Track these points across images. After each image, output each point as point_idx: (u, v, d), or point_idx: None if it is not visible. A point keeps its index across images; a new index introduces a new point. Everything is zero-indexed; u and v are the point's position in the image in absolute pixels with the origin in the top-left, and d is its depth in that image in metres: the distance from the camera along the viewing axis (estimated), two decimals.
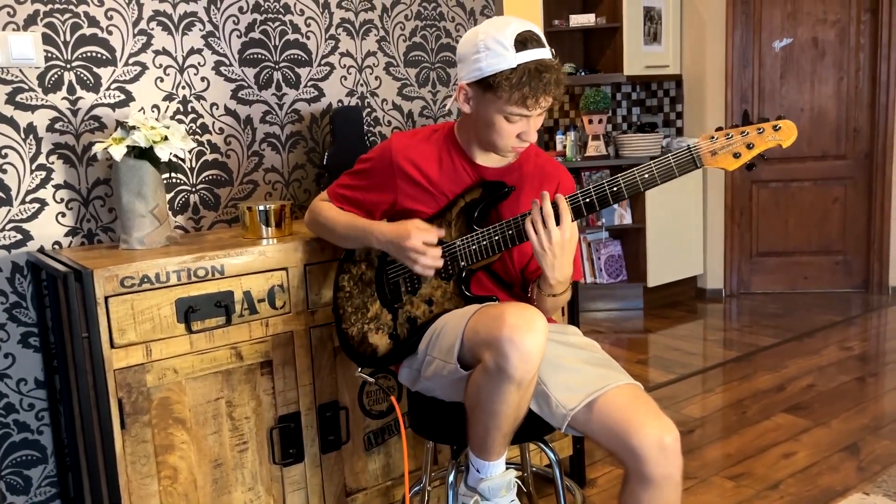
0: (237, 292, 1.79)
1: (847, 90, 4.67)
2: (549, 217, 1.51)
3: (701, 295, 4.92)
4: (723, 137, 1.49)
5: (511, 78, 1.51)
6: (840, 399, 3.13)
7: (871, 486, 2.37)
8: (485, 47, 1.53)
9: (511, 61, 1.51)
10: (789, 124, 1.47)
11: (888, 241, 4.66)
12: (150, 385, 1.70)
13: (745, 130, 1.48)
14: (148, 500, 1.71)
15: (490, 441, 1.52)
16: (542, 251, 1.52)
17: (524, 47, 1.51)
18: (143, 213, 1.86)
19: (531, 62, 1.51)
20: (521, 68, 1.51)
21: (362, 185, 1.75)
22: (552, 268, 1.53)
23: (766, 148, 1.48)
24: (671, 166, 1.50)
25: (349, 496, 2.01)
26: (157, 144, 1.82)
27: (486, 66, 1.53)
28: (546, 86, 1.52)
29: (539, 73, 1.51)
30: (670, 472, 1.45)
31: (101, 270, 1.62)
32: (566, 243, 1.52)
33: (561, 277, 1.55)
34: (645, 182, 1.52)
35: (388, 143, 1.73)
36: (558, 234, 1.51)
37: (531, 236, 1.53)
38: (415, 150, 1.70)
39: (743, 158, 1.48)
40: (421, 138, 1.73)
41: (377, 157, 1.73)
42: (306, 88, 2.31)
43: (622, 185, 1.53)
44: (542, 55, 1.53)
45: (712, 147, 1.49)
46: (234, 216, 2.22)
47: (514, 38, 1.51)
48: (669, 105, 4.93)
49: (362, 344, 1.72)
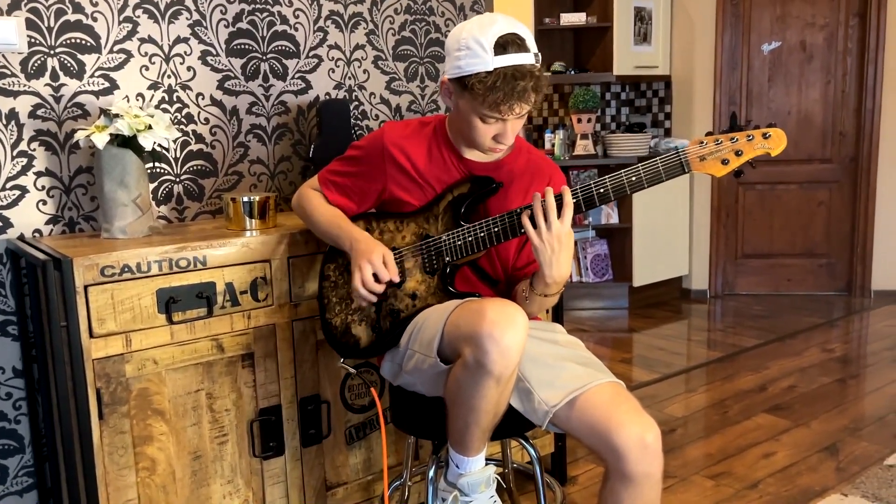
0: (219, 284, 1.78)
1: (834, 94, 4.70)
2: (552, 209, 1.49)
3: (686, 295, 4.94)
4: (712, 143, 1.49)
5: (486, 81, 1.49)
6: (820, 400, 3.15)
7: (849, 486, 2.38)
8: (465, 46, 1.52)
9: (488, 64, 1.49)
10: (779, 133, 1.47)
11: (871, 245, 4.70)
12: (129, 375, 1.68)
13: (735, 137, 1.48)
14: (125, 491, 1.70)
15: (469, 436, 1.52)
16: (542, 244, 1.50)
17: (503, 51, 1.49)
18: (126, 203, 1.84)
19: (508, 67, 1.49)
20: (497, 73, 1.49)
21: (353, 172, 1.74)
22: (550, 264, 1.51)
23: (754, 155, 1.48)
24: (659, 170, 1.50)
25: (329, 490, 2.00)
26: (140, 133, 1.80)
27: (465, 65, 1.52)
28: (520, 93, 1.50)
29: (514, 79, 1.48)
30: (651, 470, 1.45)
31: (81, 259, 1.60)
32: (565, 237, 1.50)
33: (558, 276, 1.53)
34: (632, 185, 1.52)
35: (380, 131, 1.72)
36: (559, 225, 1.49)
37: (529, 230, 1.51)
38: (406, 140, 1.69)
39: (731, 165, 1.49)
40: (413, 129, 1.72)
41: (369, 144, 1.72)
42: (293, 80, 2.30)
43: (609, 186, 1.53)
44: (521, 60, 1.50)
45: (701, 152, 1.50)
46: (218, 207, 2.21)
47: (495, 40, 1.49)
48: (658, 105, 4.94)
49: (345, 335, 1.71)
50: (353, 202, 1.76)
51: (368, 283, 1.59)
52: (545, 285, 1.57)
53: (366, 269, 1.59)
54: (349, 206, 1.76)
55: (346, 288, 1.73)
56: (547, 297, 1.61)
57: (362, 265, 1.59)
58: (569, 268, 1.54)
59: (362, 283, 1.59)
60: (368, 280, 1.59)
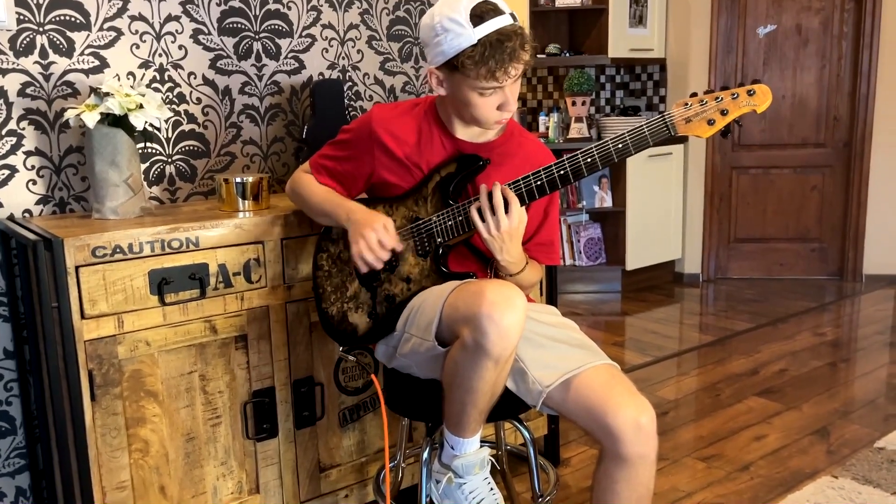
0: (212, 265, 1.76)
1: (829, 78, 4.69)
2: (499, 206, 1.53)
3: (678, 279, 4.95)
4: (696, 104, 1.48)
5: (473, 55, 1.48)
6: (811, 384, 3.17)
7: (839, 469, 2.40)
8: (442, 29, 1.50)
9: (471, 38, 1.48)
10: (763, 88, 1.46)
11: (864, 230, 4.72)
12: (121, 357, 1.67)
13: (720, 96, 1.47)
14: (118, 472, 1.69)
15: (466, 418, 1.52)
16: (490, 237, 1.55)
17: (481, 20, 1.48)
18: (117, 183, 1.82)
19: (491, 34, 1.48)
20: (482, 42, 1.48)
21: (342, 156, 1.73)
22: (500, 251, 1.57)
23: (740, 114, 1.47)
24: (644, 134, 1.49)
25: (323, 472, 2.00)
26: (131, 112, 1.78)
27: (448, 47, 1.50)
28: (511, 54, 1.49)
29: (501, 43, 1.48)
30: (645, 451, 1.46)
31: (72, 239, 1.58)
32: (514, 231, 1.55)
33: (511, 258, 1.58)
34: (618, 151, 1.51)
35: (368, 113, 1.71)
36: (506, 222, 1.53)
37: (477, 224, 1.55)
38: (395, 122, 1.68)
39: (717, 125, 1.47)
40: (402, 111, 1.71)
41: (357, 128, 1.71)
42: (287, 60, 2.27)
43: (596, 155, 1.52)
44: (502, 23, 1.49)
45: (686, 114, 1.48)
46: (210, 188, 2.19)
47: (468, 13, 1.48)
48: (653, 89, 4.92)
49: (342, 323, 1.70)
50: (343, 187, 1.75)
51: (374, 247, 1.57)
52: (503, 268, 1.62)
53: (369, 236, 1.57)
54: (340, 190, 1.75)
55: (339, 277, 1.71)
56: (514, 276, 1.65)
57: (365, 233, 1.58)
58: (519, 251, 1.61)
59: (368, 249, 1.57)
60: (374, 244, 1.57)
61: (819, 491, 2.27)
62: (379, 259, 1.59)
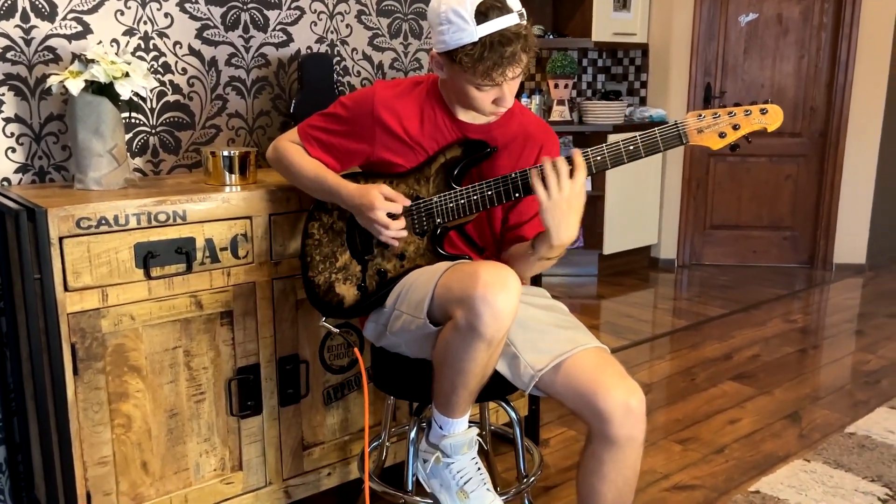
0: (199, 239, 1.73)
1: (807, 68, 4.74)
2: (564, 169, 1.47)
3: (654, 264, 5.00)
4: (710, 116, 1.49)
5: (472, 53, 1.46)
6: (783, 369, 3.23)
7: (811, 453, 2.46)
8: (447, 20, 1.47)
9: (472, 35, 1.45)
10: (776, 109, 1.48)
11: (836, 219, 4.80)
12: (105, 331, 1.64)
13: (733, 111, 1.49)
14: (100, 447, 1.67)
15: (456, 398, 1.52)
16: (551, 205, 1.45)
17: (485, 18, 1.45)
18: (101, 153, 1.77)
19: (494, 34, 1.44)
20: (483, 42, 1.44)
21: (339, 131, 1.69)
22: (558, 226, 1.46)
23: (751, 130, 1.49)
24: (657, 140, 1.50)
25: (306, 450, 1.99)
26: (117, 80, 1.73)
27: (450, 39, 1.48)
28: (510, 58, 1.46)
29: (501, 45, 1.44)
30: (634, 434, 1.47)
31: (56, 210, 1.54)
32: (576, 199, 1.47)
33: (566, 238, 1.48)
34: (629, 154, 1.51)
35: (370, 91, 1.68)
36: (570, 186, 1.46)
37: (539, 191, 1.46)
38: (397, 101, 1.65)
39: (728, 139, 1.49)
40: (404, 89, 1.68)
41: (357, 105, 1.67)
42: (275, 32, 2.23)
43: (606, 155, 1.52)
44: (506, 23, 1.45)
45: (699, 125, 1.50)
46: (195, 161, 2.14)
47: (474, 8, 1.44)
48: (634, 74, 4.93)
49: (328, 293, 1.68)
50: (336, 161, 1.71)
51: (392, 227, 1.57)
52: (549, 248, 1.52)
53: (380, 217, 1.55)
54: (332, 164, 1.71)
55: (330, 247, 1.70)
56: (548, 259, 1.59)
57: (372, 216, 1.56)
58: (576, 230, 1.50)
59: (386, 228, 1.57)
60: (390, 224, 1.56)
61: (792, 474, 2.32)
62: (398, 232, 1.58)
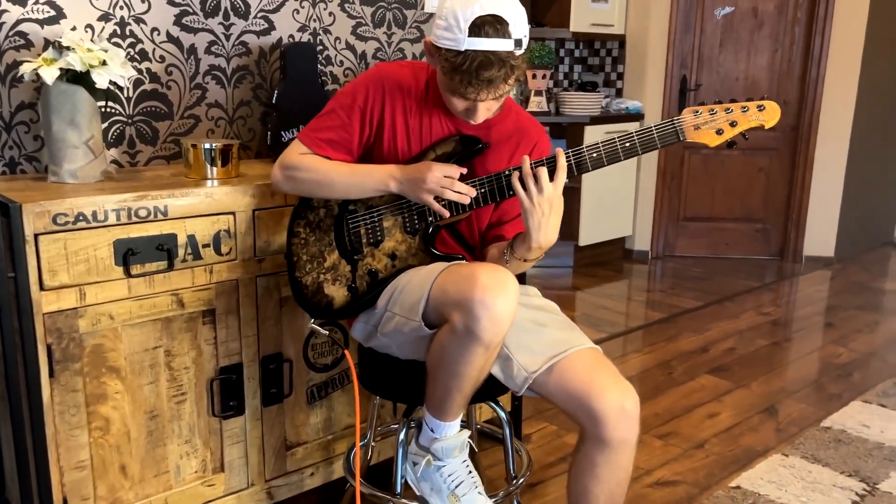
0: (181, 236, 1.67)
1: (780, 62, 4.77)
2: (543, 172, 1.44)
3: (628, 256, 5.02)
4: (707, 112, 1.48)
5: (453, 61, 1.41)
6: (759, 362, 3.26)
7: (789, 447, 2.48)
8: (445, 17, 1.42)
9: (459, 43, 1.40)
10: (773, 105, 1.47)
11: (806, 212, 4.86)
12: (82, 331, 1.57)
13: (730, 107, 1.48)
14: (77, 451, 1.61)
15: (450, 402, 1.49)
16: (532, 207, 1.44)
17: (479, 33, 1.39)
18: (76, 144, 1.70)
19: (479, 52, 1.39)
20: (466, 55, 1.39)
21: (349, 124, 1.59)
22: (538, 228, 1.45)
23: (748, 127, 1.48)
24: (653, 137, 1.48)
25: (289, 450, 1.95)
26: (94, 69, 1.66)
27: (441, 36, 1.43)
28: (485, 82, 1.41)
29: (481, 67, 1.39)
30: (628, 436, 1.46)
31: (32, 205, 1.47)
32: (557, 201, 1.46)
33: (545, 241, 1.47)
34: (626, 150, 1.49)
35: (375, 72, 1.61)
36: (550, 188, 1.44)
37: (519, 191, 1.45)
38: (403, 84, 1.60)
39: (725, 135, 1.48)
40: (407, 75, 1.62)
41: (366, 85, 1.59)
42: (256, 20, 2.16)
43: (602, 152, 1.49)
44: (496, 46, 1.39)
45: (696, 121, 1.48)
46: (173, 152, 2.07)
47: (472, 19, 1.39)
48: (611, 65, 4.93)
49: (317, 294, 1.64)
50: (353, 157, 1.64)
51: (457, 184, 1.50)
52: (528, 249, 1.51)
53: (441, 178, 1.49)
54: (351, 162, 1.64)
55: (317, 246, 1.65)
56: (526, 261, 1.57)
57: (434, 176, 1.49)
58: (556, 233, 1.50)
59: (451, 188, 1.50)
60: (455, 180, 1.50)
61: (772, 469, 2.34)
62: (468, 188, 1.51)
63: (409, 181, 1.53)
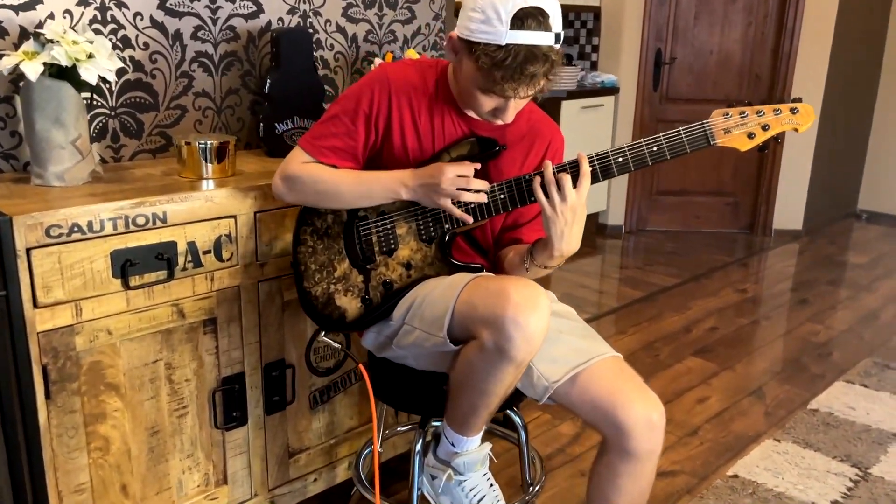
0: (181, 243, 1.57)
1: (753, 35, 4.76)
2: (567, 179, 1.38)
3: (601, 231, 5.02)
4: (737, 115, 1.43)
5: (494, 56, 1.33)
6: (741, 342, 3.30)
7: (780, 432, 2.52)
8: (482, 9, 1.33)
9: (501, 37, 1.32)
10: (808, 108, 1.43)
11: (776, 186, 4.91)
12: (79, 349, 1.47)
13: (762, 110, 1.43)
14: (76, 474, 1.52)
15: (475, 419, 1.44)
16: (554, 215, 1.39)
17: (521, 26, 1.31)
18: (63, 145, 1.57)
19: (522, 46, 1.32)
20: (509, 49, 1.32)
21: (354, 130, 1.51)
22: (560, 237, 1.41)
23: (781, 130, 1.43)
24: (682, 141, 1.43)
25: (292, 457, 1.88)
26: (81, 63, 1.53)
27: (476, 29, 1.34)
28: (528, 77, 1.34)
29: (525, 62, 1.32)
30: (654, 447, 1.44)
31: (23, 217, 1.36)
32: (580, 208, 1.40)
33: (567, 250, 1.43)
34: (653, 155, 1.43)
35: (380, 73, 1.51)
36: (574, 196, 1.39)
37: (541, 199, 1.39)
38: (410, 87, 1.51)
39: (757, 139, 1.44)
40: (413, 74, 1.53)
41: (371, 87, 1.50)
42: (243, 2, 2.03)
43: (629, 156, 1.44)
44: (539, 40, 1.32)
45: (726, 125, 1.43)
46: (159, 145, 1.95)
47: (515, 11, 1.31)
48: (586, 37, 4.85)
49: (328, 306, 1.56)
50: (358, 164, 1.56)
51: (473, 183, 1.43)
52: (549, 257, 1.47)
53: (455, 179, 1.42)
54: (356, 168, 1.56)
55: (326, 254, 1.56)
56: (547, 268, 1.53)
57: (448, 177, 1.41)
58: (579, 241, 1.46)
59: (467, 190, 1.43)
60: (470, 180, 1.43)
61: (766, 456, 2.37)
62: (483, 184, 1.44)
63: (422, 187, 1.46)
